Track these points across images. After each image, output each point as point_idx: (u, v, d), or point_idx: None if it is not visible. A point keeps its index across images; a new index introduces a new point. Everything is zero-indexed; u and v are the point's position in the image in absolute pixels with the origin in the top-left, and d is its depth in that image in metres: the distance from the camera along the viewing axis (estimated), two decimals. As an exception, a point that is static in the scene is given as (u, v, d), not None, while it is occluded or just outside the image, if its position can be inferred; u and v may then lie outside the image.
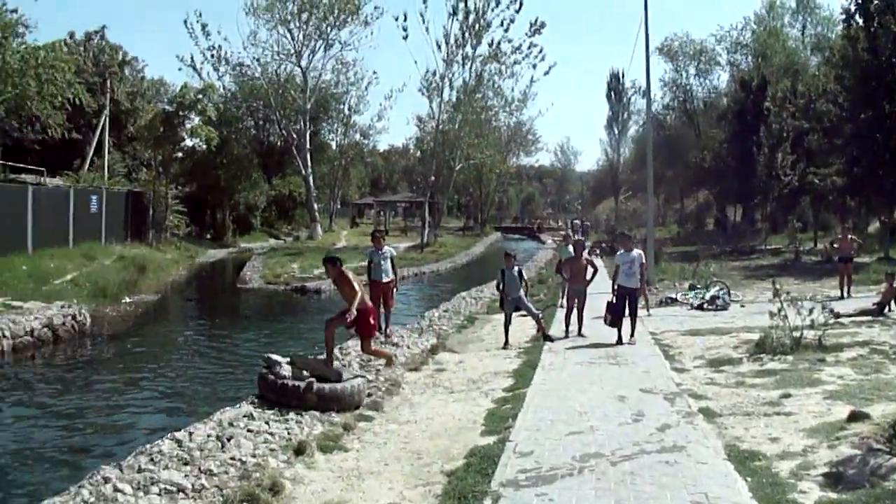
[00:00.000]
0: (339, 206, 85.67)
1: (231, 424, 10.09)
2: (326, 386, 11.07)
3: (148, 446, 9.23)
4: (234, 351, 19.03)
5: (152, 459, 8.71)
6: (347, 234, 68.52)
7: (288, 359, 11.83)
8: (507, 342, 16.46)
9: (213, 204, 56.36)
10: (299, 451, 9.04)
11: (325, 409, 10.82)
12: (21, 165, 38.26)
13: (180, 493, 7.77)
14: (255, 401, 11.17)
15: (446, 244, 55.92)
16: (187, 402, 14.31)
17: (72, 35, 54.24)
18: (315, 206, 62.90)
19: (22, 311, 19.41)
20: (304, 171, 59.66)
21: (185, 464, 8.59)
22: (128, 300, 25.81)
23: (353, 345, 15.64)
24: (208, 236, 54.59)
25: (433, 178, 59.52)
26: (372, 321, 12.98)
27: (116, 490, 7.76)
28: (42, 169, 39.26)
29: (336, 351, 15.12)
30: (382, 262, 16.84)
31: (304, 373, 11.41)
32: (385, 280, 16.87)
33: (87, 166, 46.10)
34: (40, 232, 29.38)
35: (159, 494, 7.73)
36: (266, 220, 65.22)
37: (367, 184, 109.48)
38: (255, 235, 60.05)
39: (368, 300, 12.97)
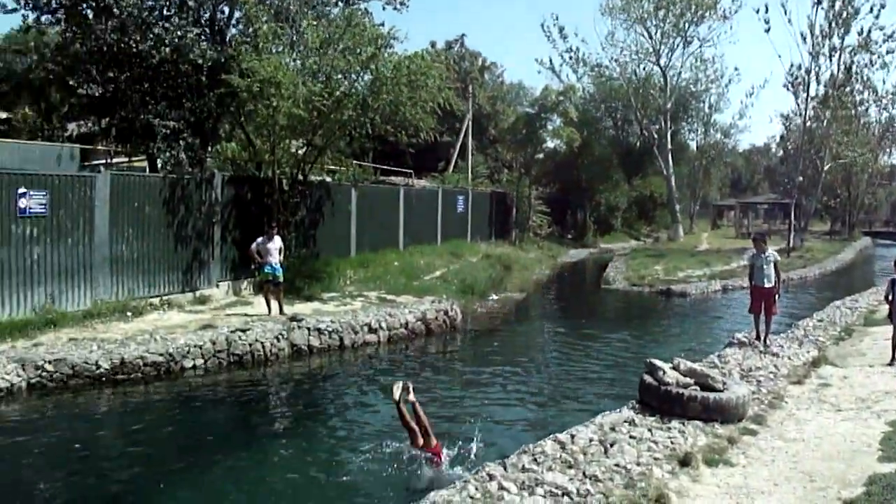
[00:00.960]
0: (698, 208, 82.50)
1: (613, 429, 9.65)
2: (711, 395, 10.22)
3: (531, 446, 8.89)
4: (604, 351, 18.02)
5: (535, 460, 8.42)
6: (708, 236, 65.66)
7: (670, 364, 10.90)
8: (894, 358, 14.18)
9: (574, 204, 56.29)
10: (684, 462, 8.47)
11: (709, 420, 10.05)
12: (391, 168, 40.15)
13: (565, 497, 7.40)
14: (636, 406, 10.71)
15: (813, 249, 51.36)
16: (558, 402, 13.63)
17: (433, 44, 56.70)
18: (677, 207, 60.90)
19: (396, 305, 19.76)
20: (665, 172, 57.85)
21: (570, 467, 8.25)
22: (494, 297, 25.73)
23: (732, 353, 14.59)
24: (569, 236, 54.24)
25: (800, 178, 55.25)
26: None
27: (502, 488, 7.56)
28: (410, 171, 41.02)
29: (714, 357, 14.18)
30: (765, 267, 15.56)
31: (688, 380, 10.49)
32: (767, 285, 15.57)
33: (451, 168, 47.68)
34: (411, 230, 30.55)
35: (544, 496, 7.40)
36: (626, 221, 64.09)
37: (726, 185, 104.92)
38: (615, 236, 59.01)
39: None
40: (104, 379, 13.09)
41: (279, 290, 18.05)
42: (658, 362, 10.80)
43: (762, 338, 15.65)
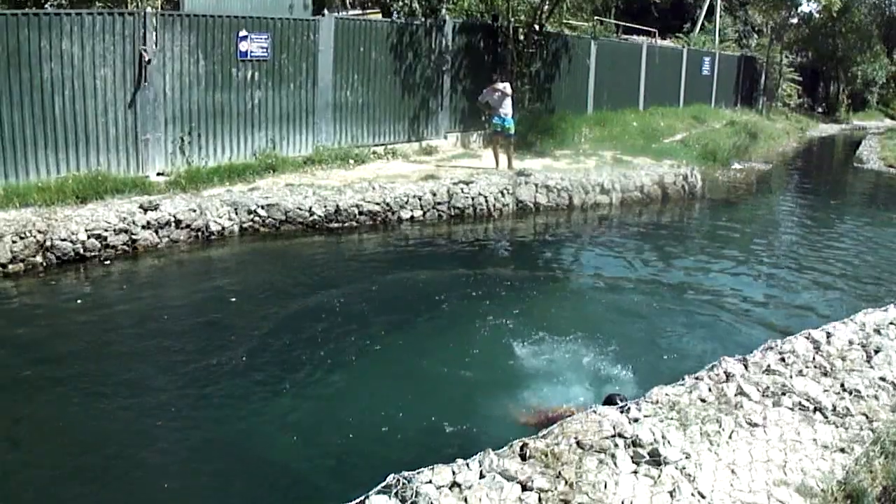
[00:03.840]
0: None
1: (878, 331, 7.50)
2: None
3: (779, 342, 6.94)
4: (859, 238, 15.51)
5: (783, 360, 6.56)
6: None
7: None
8: None
9: (827, 76, 51.80)
10: None
11: None
12: (634, 26, 37.59)
13: (817, 413, 5.68)
14: None
15: None
16: (810, 290, 11.33)
17: None
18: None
19: (632, 166, 17.99)
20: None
21: (825, 374, 6.42)
22: (738, 166, 23.40)
23: None
24: (819, 110, 50.13)
25: None
26: None
27: (741, 393, 5.88)
28: (654, 30, 38.30)
29: None
30: None
31: None
32: None
33: (697, 30, 44.37)
34: (652, 90, 28.52)
35: (792, 409, 5.70)
36: (882, 98, 58.11)
37: None
38: (869, 113, 53.69)
39: None
40: (317, 226, 12.41)
41: (509, 142, 16.68)
42: None
43: None
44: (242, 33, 14.40)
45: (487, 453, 4.69)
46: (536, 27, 20.63)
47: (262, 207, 12.15)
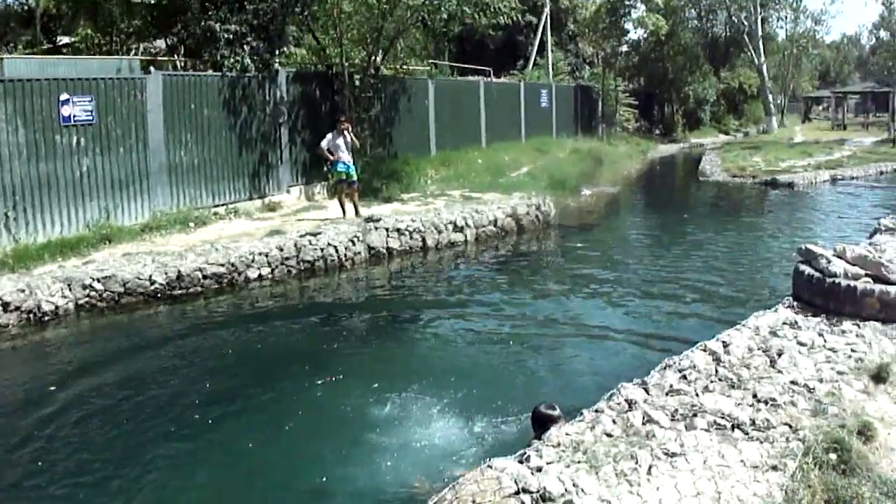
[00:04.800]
0: (788, 101, 77.73)
1: (774, 334, 7.45)
2: (892, 289, 7.98)
3: (676, 359, 6.72)
4: (719, 243, 16.02)
5: (685, 377, 6.25)
6: (801, 129, 61.70)
7: (832, 251, 8.79)
8: None
9: (661, 98, 54.03)
10: (878, 377, 6.40)
11: (888, 321, 7.87)
12: (469, 66, 38.03)
13: (737, 431, 5.36)
14: (793, 304, 8.62)
15: None
16: (683, 302, 11.58)
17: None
18: (770, 97, 57.48)
19: (482, 202, 17.97)
20: (756, 61, 54.59)
21: (733, 386, 6.16)
22: (587, 192, 23.87)
23: (885, 240, 11.94)
24: (657, 131, 52.15)
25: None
26: None
27: (649, 420, 5.48)
28: (489, 69, 38.86)
29: (864, 246, 11.91)
30: None
31: (858, 270, 8.33)
32: None
33: (531, 66, 45.38)
34: (493, 127, 28.77)
35: (708, 430, 5.35)
36: (714, 115, 61.12)
37: (814, 77, 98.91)
38: (704, 130, 56.41)
39: None
40: (160, 295, 11.58)
41: (354, 190, 16.36)
42: (817, 248, 8.77)
43: None
44: (64, 97, 13.58)
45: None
46: (372, 71, 20.46)
47: (98, 280, 11.28)
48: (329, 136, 16.21)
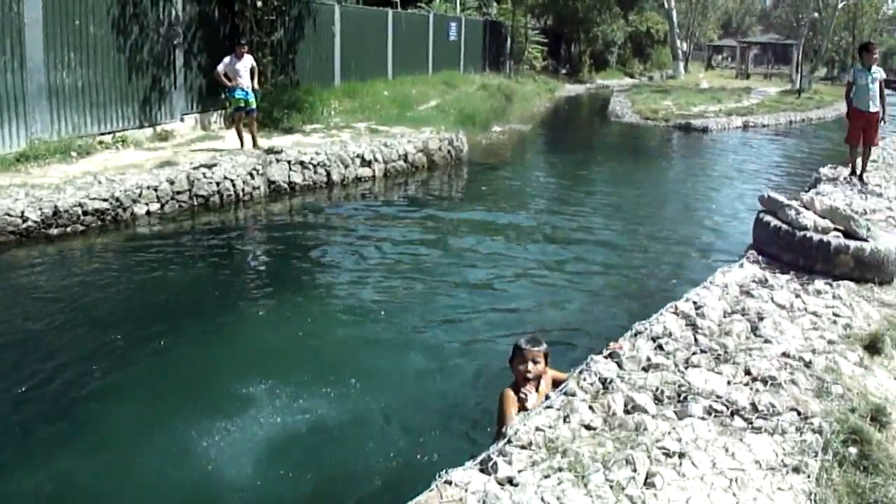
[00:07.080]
0: (693, 49, 78.54)
1: (748, 294, 6.82)
2: (867, 246, 7.47)
3: (647, 324, 5.77)
4: (646, 184, 15.58)
5: (660, 346, 5.34)
6: (706, 76, 62.59)
7: (798, 201, 8.25)
8: None
9: (570, 38, 53.84)
10: (872, 347, 5.68)
11: (861, 280, 7.41)
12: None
13: (737, 418, 4.45)
14: (759, 259, 7.98)
15: (821, 91, 48.09)
16: (618, 249, 11.04)
17: None
18: (678, 43, 57.78)
19: (391, 136, 17.06)
20: (666, 5, 54.62)
21: (719, 359, 5.24)
22: (498, 129, 23.17)
23: (829, 191, 11.85)
24: (564, 71, 51.88)
25: (816, 14, 52.24)
26: None
27: (634, 408, 4.50)
28: (395, 0, 37.72)
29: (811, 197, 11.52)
30: (871, 86, 12.41)
31: (827, 223, 7.80)
32: (872, 109, 12.56)
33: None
34: (400, 59, 27.93)
35: (704, 418, 4.42)
36: (621, 59, 61.73)
37: (718, 26, 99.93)
38: (610, 73, 56.88)
39: None
40: (33, 234, 10.32)
41: (252, 119, 15.22)
42: (782, 198, 8.17)
43: (858, 173, 13.01)
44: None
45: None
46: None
47: (-41, 217, 10.07)
48: (227, 59, 14.97)
